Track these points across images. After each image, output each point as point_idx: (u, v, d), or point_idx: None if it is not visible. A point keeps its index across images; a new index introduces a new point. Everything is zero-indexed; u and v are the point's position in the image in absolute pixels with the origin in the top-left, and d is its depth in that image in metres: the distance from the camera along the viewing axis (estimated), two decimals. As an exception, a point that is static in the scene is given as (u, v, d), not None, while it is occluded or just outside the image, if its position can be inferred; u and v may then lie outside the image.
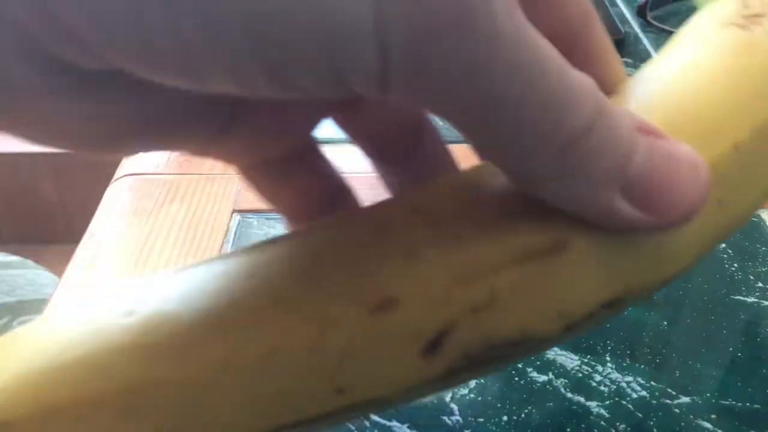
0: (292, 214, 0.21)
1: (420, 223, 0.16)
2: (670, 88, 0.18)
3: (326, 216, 0.20)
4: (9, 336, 0.16)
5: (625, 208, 0.15)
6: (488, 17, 0.13)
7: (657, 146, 0.15)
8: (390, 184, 0.21)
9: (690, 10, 0.53)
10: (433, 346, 0.16)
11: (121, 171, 0.36)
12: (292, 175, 0.20)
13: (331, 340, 0.16)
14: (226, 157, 0.19)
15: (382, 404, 0.17)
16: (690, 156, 0.15)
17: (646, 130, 0.15)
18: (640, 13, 0.52)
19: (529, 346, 0.17)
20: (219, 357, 0.15)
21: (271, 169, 0.20)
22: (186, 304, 0.16)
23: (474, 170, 0.18)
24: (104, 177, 0.37)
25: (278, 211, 0.21)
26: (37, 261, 0.73)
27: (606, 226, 0.15)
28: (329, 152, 0.20)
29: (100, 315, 0.16)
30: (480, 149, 0.15)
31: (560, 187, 0.15)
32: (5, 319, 0.60)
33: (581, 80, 0.14)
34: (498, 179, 0.17)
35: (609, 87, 0.18)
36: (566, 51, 0.15)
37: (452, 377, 0.17)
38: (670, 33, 0.50)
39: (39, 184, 1.46)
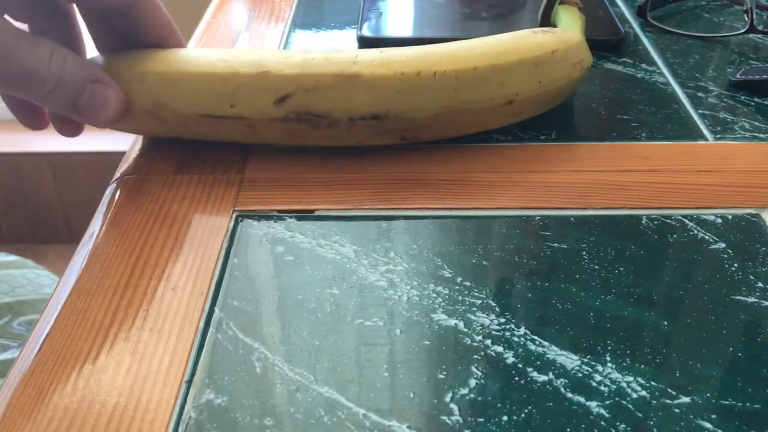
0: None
1: (296, 55, 0.35)
2: (488, 40, 0.36)
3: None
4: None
5: (77, 117, 0.33)
6: None
7: (96, 88, 0.32)
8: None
9: (689, 11, 0.53)
10: (281, 100, 0.34)
11: (120, 171, 0.36)
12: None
13: (235, 79, 0.34)
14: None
15: (255, 125, 0.34)
16: (117, 93, 0.33)
17: (97, 80, 0.33)
18: (640, 13, 0.52)
19: (330, 121, 0.34)
20: (190, 71, 0.34)
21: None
22: (188, 52, 0.36)
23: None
24: (104, 177, 0.37)
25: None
26: (37, 261, 0.73)
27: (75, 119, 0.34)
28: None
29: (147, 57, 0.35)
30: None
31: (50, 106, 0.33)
32: (5, 319, 0.60)
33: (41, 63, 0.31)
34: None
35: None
36: (164, 39, 0.36)
37: (288, 122, 0.34)
38: (670, 33, 0.50)
39: (39, 184, 1.46)
